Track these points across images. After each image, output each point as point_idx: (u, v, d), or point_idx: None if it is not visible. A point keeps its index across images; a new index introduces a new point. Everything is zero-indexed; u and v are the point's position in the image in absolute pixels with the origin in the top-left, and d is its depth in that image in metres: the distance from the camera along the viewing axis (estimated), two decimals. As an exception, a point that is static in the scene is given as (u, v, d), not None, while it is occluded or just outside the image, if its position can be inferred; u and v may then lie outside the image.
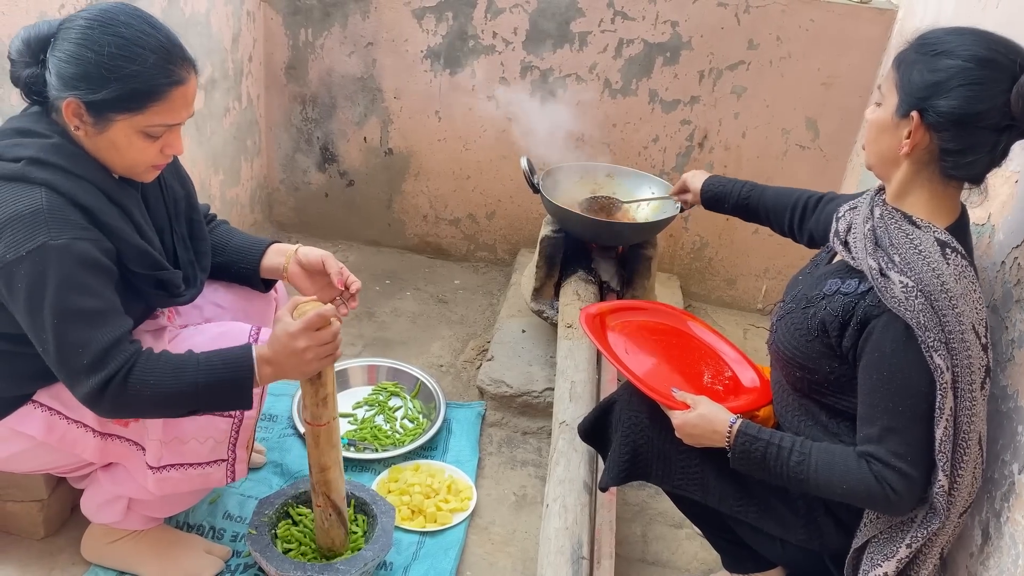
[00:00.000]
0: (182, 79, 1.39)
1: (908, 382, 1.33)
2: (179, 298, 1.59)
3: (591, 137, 2.97)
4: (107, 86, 1.33)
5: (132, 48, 1.33)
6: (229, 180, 2.94)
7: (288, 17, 2.97)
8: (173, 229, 1.63)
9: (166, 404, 1.40)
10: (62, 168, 1.36)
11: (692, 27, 2.75)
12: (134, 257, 1.45)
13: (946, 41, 1.31)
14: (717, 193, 2.01)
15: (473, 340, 2.82)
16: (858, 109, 2.76)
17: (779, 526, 1.54)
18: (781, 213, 1.88)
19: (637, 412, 1.63)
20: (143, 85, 1.35)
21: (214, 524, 1.93)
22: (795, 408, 1.57)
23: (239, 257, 1.74)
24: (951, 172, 1.34)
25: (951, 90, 1.28)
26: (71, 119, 1.37)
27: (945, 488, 1.35)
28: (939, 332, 1.30)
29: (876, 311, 1.35)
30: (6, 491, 1.78)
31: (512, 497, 2.17)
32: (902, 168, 1.37)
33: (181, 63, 1.39)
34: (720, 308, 3.21)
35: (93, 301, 1.35)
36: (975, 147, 1.30)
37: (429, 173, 3.17)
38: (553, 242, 2.52)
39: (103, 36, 1.33)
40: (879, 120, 1.39)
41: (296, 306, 1.48)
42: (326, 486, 1.67)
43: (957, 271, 1.32)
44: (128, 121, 1.37)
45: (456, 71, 2.95)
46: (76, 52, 1.33)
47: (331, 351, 1.46)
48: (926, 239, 1.34)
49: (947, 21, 2.19)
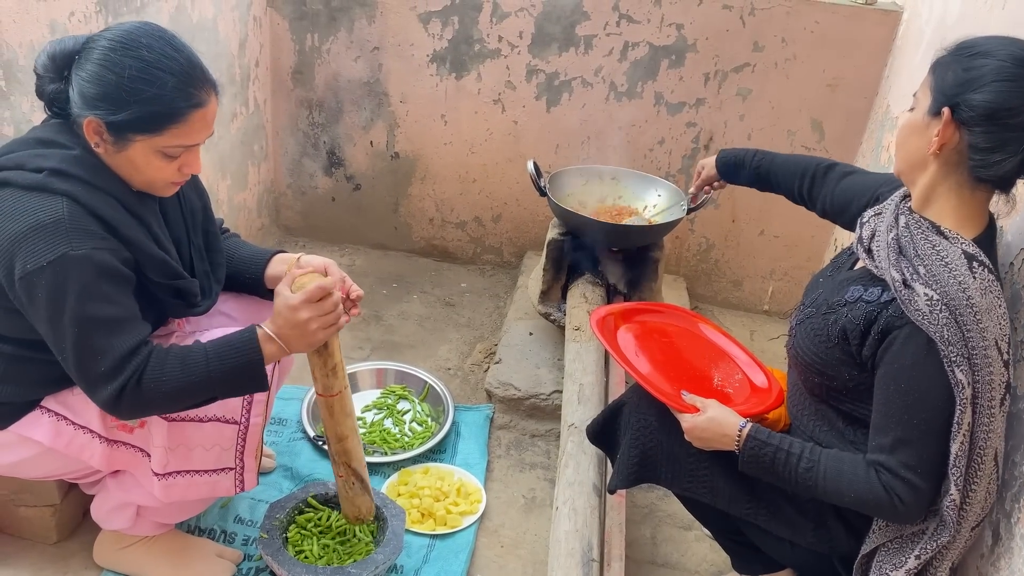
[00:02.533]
0: (202, 102, 1.40)
1: (925, 395, 1.32)
2: (196, 308, 1.61)
3: (597, 139, 2.98)
4: (127, 108, 1.34)
5: (153, 71, 1.35)
6: (236, 185, 2.96)
7: (294, 22, 2.98)
8: (190, 240, 1.64)
9: (182, 397, 1.42)
10: (83, 180, 1.38)
11: (697, 30, 2.75)
12: (153, 267, 1.47)
13: (984, 44, 1.31)
14: (735, 161, 1.99)
15: (480, 343, 2.82)
16: (863, 110, 2.77)
17: (788, 528, 1.55)
18: (791, 180, 1.86)
19: (646, 415, 1.63)
20: (162, 108, 1.36)
21: (225, 528, 1.94)
22: (811, 412, 1.57)
23: (245, 267, 1.76)
24: (979, 172, 1.31)
25: (985, 85, 1.26)
26: (91, 136, 1.39)
27: (957, 502, 1.34)
28: (962, 347, 1.29)
29: (899, 322, 1.34)
30: (19, 496, 1.79)
31: (521, 500, 2.17)
32: (929, 171, 1.36)
33: (202, 85, 1.40)
34: (727, 310, 3.22)
35: (112, 309, 1.37)
36: (1004, 145, 1.28)
37: (435, 176, 3.18)
38: (560, 245, 2.53)
39: (125, 59, 1.34)
40: (910, 121, 1.38)
41: (294, 279, 1.49)
42: (346, 455, 1.67)
43: (983, 285, 1.31)
44: (147, 142, 1.39)
45: (462, 75, 2.96)
46: (98, 73, 1.34)
47: (334, 320, 1.48)
48: (953, 251, 1.33)
49: (953, 22, 2.19)
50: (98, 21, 2.04)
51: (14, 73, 1.81)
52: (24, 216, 1.33)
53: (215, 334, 1.63)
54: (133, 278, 1.43)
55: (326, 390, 1.59)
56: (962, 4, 2.16)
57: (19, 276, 1.33)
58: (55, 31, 1.90)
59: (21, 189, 1.36)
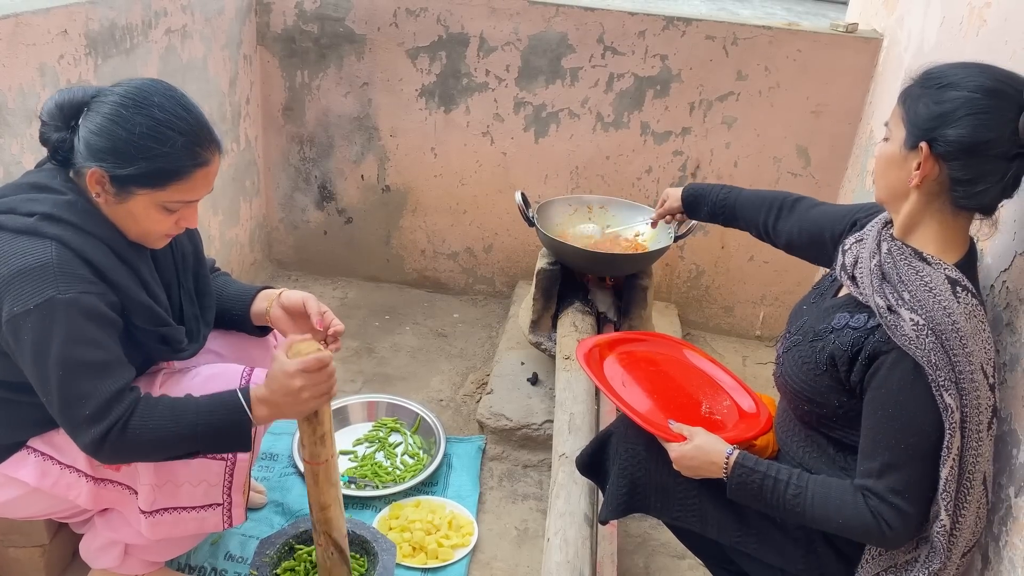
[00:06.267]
0: (207, 161, 1.43)
1: (913, 420, 1.32)
2: (181, 353, 1.61)
3: (585, 169, 3.01)
4: (134, 164, 1.37)
5: (163, 130, 1.37)
6: (228, 220, 2.98)
7: (284, 60, 3.02)
8: (180, 283, 1.65)
9: (165, 447, 1.41)
10: (74, 225, 1.39)
11: (681, 60, 2.79)
12: (139, 313, 1.48)
13: (951, 74, 1.32)
14: (697, 195, 2.00)
15: (473, 373, 2.83)
16: (848, 136, 2.80)
17: (779, 556, 1.54)
18: (756, 214, 1.86)
19: (634, 444, 1.63)
20: (169, 166, 1.39)
21: (216, 565, 1.93)
22: (801, 439, 1.56)
23: (232, 305, 1.77)
24: (962, 203, 1.33)
25: (959, 119, 1.28)
26: (93, 186, 1.41)
27: (947, 528, 1.34)
28: (949, 371, 1.29)
29: (885, 347, 1.34)
30: (8, 536, 1.78)
31: (514, 531, 2.16)
32: (911, 200, 1.37)
33: (208, 145, 1.43)
34: (718, 336, 3.22)
35: (97, 353, 1.37)
36: (985, 176, 1.29)
37: (426, 209, 3.21)
38: (549, 274, 2.54)
39: (136, 116, 1.36)
40: (887, 154, 1.39)
41: (291, 345, 1.49)
42: (327, 524, 1.67)
43: (968, 310, 1.32)
44: (149, 196, 1.41)
45: (451, 108, 3.00)
46: (108, 127, 1.36)
47: (327, 390, 1.47)
48: (936, 276, 1.34)
49: (930, 49, 2.23)
50: (87, 63, 2.07)
51: (3, 116, 1.83)
52: (12, 259, 1.34)
53: (202, 371, 1.64)
54: (120, 322, 1.44)
55: (313, 457, 1.57)
56: (939, 32, 2.20)
57: (6, 319, 1.34)
58: (44, 74, 1.92)
59: (11, 232, 1.37)
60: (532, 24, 2.82)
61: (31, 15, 1.87)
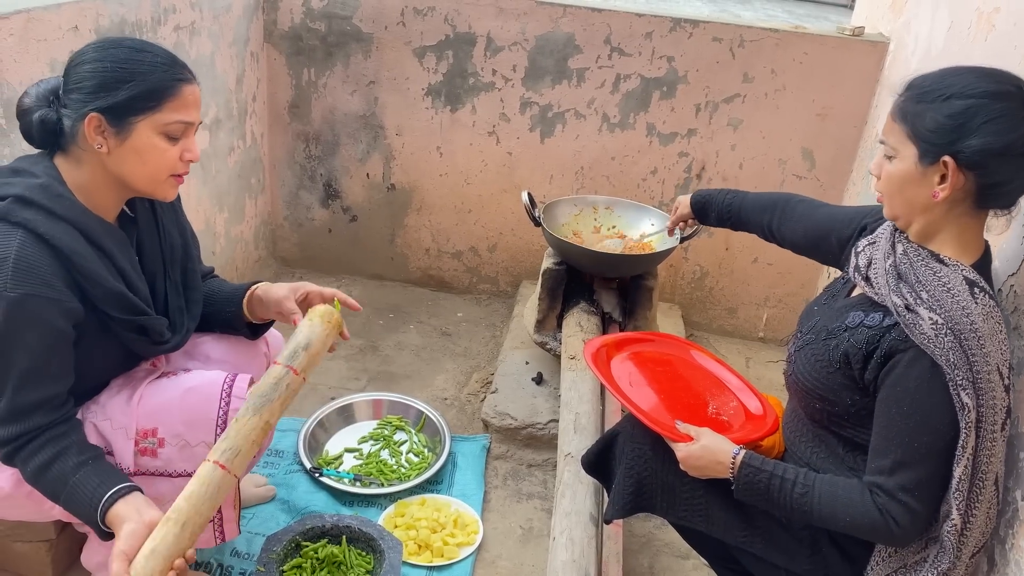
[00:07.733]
0: (189, 78, 1.48)
1: (928, 419, 1.32)
2: (163, 345, 1.59)
3: (591, 170, 3.01)
4: (124, 87, 1.40)
5: (141, 55, 1.44)
6: (233, 218, 2.98)
7: (291, 57, 3.03)
8: (168, 275, 1.64)
9: (37, 488, 1.42)
10: (44, 208, 1.39)
11: (688, 62, 2.80)
12: (111, 301, 1.46)
13: (947, 84, 1.33)
14: (704, 202, 2.03)
15: (477, 372, 2.83)
16: (853, 139, 2.81)
17: (784, 556, 1.54)
18: (760, 216, 1.89)
19: (640, 444, 1.64)
20: (157, 83, 1.43)
21: (222, 561, 1.93)
22: (810, 439, 1.57)
23: (226, 304, 1.76)
24: (991, 204, 1.35)
25: (978, 128, 1.28)
26: (94, 138, 1.41)
27: (958, 527, 1.34)
28: (967, 371, 1.30)
29: (902, 345, 1.35)
30: (14, 531, 1.78)
31: (518, 530, 2.17)
32: (933, 211, 1.37)
33: (183, 68, 1.49)
34: (722, 337, 3.23)
35: (26, 360, 1.36)
36: (1013, 176, 1.31)
37: (431, 207, 3.21)
38: (555, 274, 2.55)
39: (112, 51, 1.43)
40: (902, 173, 1.37)
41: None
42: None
43: (985, 311, 1.32)
44: (148, 121, 1.43)
45: (457, 108, 3.00)
46: (91, 68, 1.41)
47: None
48: (954, 277, 1.34)
49: (937, 54, 2.23)
50: (98, 59, 2.07)
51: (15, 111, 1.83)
52: None
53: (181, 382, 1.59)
54: (69, 332, 1.42)
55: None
56: (946, 36, 2.21)
57: None
58: (55, 69, 1.93)
59: None
60: (539, 24, 2.83)
61: (42, 11, 1.87)
